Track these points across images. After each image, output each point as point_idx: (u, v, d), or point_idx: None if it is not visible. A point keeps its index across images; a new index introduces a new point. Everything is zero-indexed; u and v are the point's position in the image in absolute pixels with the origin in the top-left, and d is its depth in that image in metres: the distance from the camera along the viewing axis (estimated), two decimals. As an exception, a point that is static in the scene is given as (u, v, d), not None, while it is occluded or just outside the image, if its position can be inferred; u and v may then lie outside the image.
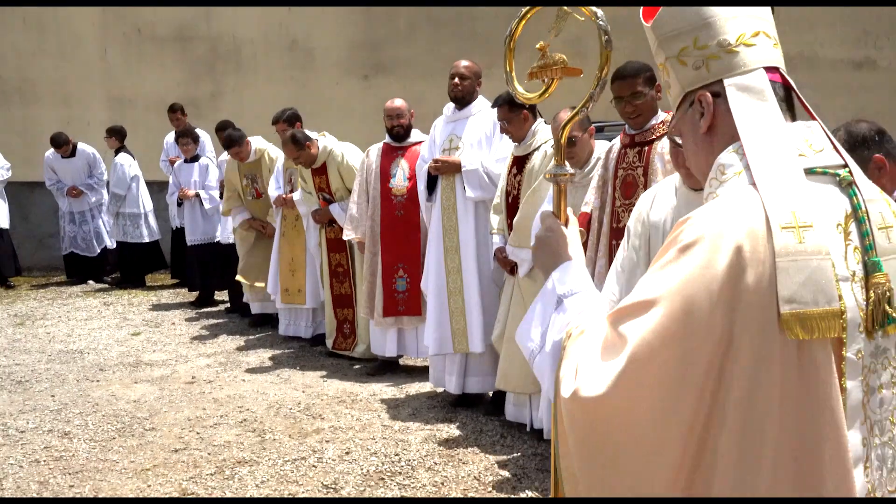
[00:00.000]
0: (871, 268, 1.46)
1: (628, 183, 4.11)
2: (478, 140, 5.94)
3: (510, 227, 5.43)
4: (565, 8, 1.80)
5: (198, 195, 9.68)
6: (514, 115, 5.38)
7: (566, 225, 1.85)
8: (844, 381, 1.43)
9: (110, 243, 11.71)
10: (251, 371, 7.22)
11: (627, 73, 4.14)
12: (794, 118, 1.58)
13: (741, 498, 1.42)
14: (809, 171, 1.49)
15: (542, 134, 5.43)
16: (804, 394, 1.41)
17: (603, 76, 1.77)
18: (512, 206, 5.47)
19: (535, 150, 5.40)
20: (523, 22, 1.93)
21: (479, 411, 5.98)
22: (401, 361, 7.21)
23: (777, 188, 1.44)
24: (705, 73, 1.59)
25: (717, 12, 1.57)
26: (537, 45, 1.89)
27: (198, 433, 5.68)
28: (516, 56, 1.98)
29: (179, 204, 10.03)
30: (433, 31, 12.44)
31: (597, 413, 1.46)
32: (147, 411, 6.15)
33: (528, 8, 1.89)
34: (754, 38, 1.57)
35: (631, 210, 3.46)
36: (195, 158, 9.80)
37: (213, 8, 12.66)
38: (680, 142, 1.71)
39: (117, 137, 11.30)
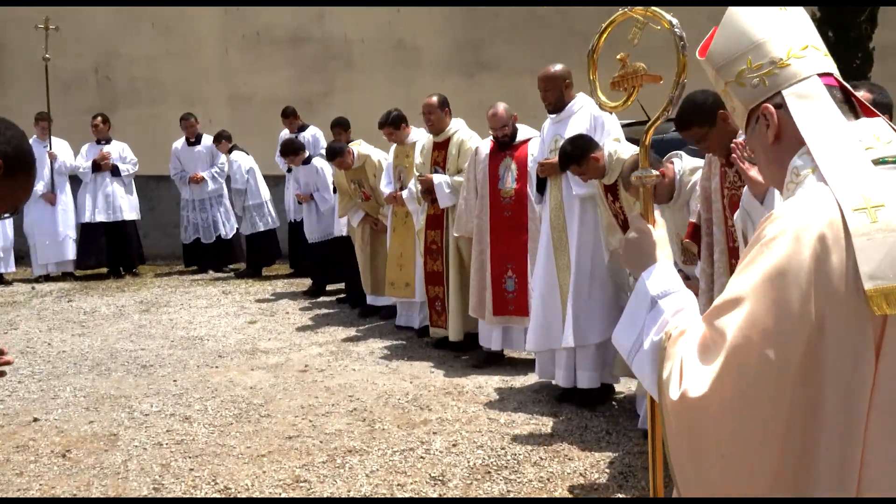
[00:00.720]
0: None
1: (734, 202, 3.87)
2: None
3: None
4: (642, 19, 1.81)
5: (312, 197, 9.73)
6: (584, 166, 5.22)
7: (654, 227, 1.83)
8: None
9: (224, 232, 11.86)
10: (361, 360, 7.10)
11: (682, 128, 3.97)
12: (856, 117, 1.58)
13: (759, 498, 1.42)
14: (880, 161, 1.49)
15: (617, 158, 5.21)
16: None
17: (681, 80, 1.79)
18: (625, 227, 5.30)
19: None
20: (605, 35, 1.94)
21: (584, 406, 5.69)
22: (505, 353, 6.97)
23: (844, 177, 1.45)
24: (763, 89, 1.62)
25: (764, 34, 1.62)
26: (618, 56, 1.89)
27: (310, 421, 5.58)
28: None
29: (300, 203, 10.08)
30: (533, 29, 12.20)
31: (703, 411, 1.43)
32: (262, 398, 6.09)
33: (608, 22, 1.91)
34: (803, 50, 1.61)
35: None
36: (308, 160, 9.78)
37: (325, 11, 12.70)
38: (754, 158, 1.65)
39: (226, 140, 11.39)
